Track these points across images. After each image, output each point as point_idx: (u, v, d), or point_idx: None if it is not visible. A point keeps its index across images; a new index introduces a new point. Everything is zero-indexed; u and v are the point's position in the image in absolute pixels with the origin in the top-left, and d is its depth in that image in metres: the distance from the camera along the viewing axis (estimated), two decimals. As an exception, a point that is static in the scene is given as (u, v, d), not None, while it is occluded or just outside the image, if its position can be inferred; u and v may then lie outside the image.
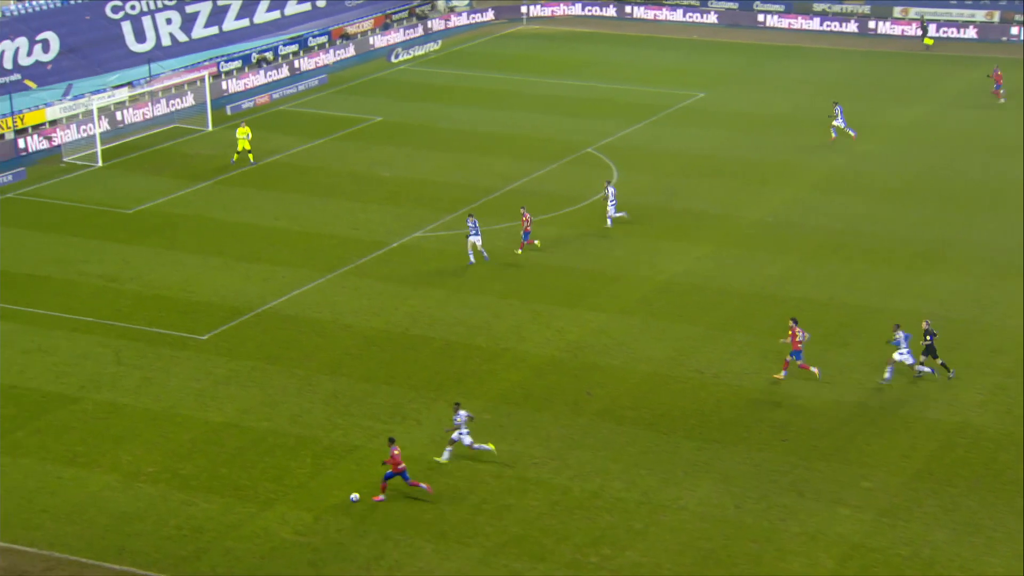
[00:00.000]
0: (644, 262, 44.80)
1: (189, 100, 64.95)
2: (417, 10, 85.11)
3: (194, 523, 29.07)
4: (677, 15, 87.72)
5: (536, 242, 45.45)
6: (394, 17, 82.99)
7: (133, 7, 70.36)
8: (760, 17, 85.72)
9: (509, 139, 60.10)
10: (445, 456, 31.61)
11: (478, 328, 39.40)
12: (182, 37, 71.88)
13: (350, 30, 79.27)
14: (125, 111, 62.02)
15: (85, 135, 57.65)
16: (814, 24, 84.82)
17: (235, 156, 55.90)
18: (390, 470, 29.92)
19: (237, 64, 71.06)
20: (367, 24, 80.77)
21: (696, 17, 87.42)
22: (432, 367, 36.82)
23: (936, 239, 46.61)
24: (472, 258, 44.17)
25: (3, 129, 57.86)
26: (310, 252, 45.57)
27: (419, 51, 77.87)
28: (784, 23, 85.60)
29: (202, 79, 64.64)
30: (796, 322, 35.46)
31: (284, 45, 74.60)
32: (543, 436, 33.00)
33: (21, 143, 57.21)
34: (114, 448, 32.10)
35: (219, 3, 74.81)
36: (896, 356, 35.15)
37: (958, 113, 64.63)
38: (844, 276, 43.58)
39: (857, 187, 52.98)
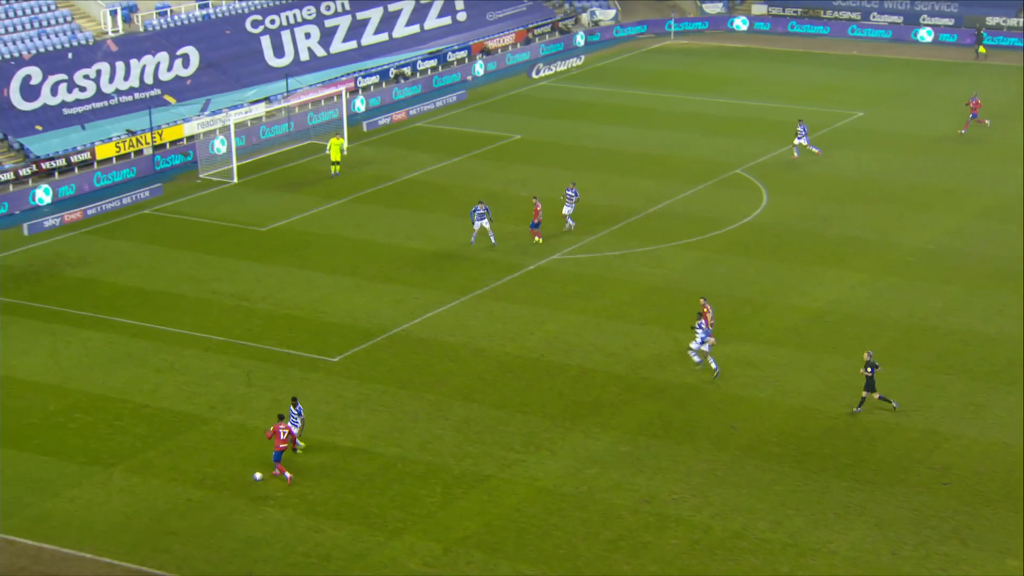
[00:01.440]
0: (794, 290, 44.10)
1: (325, 115, 66.44)
2: (560, 24, 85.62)
3: (321, 550, 29.57)
4: (836, 30, 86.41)
5: (537, 238, 47.17)
6: (536, 32, 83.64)
7: (273, 21, 72.43)
8: (924, 33, 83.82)
9: (653, 159, 59.90)
10: None
11: (616, 355, 39.27)
12: (320, 52, 73.66)
13: (490, 45, 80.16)
14: (261, 126, 63.78)
15: (221, 151, 59.47)
16: (985, 40, 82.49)
17: (332, 168, 57.23)
18: (275, 449, 31.68)
19: (375, 79, 72.45)
20: (508, 39, 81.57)
21: (857, 32, 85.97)
22: (568, 395, 36.82)
23: (1118, 271, 44.84)
24: (474, 240, 47.65)
25: (142, 144, 60.11)
26: (444, 273, 46.06)
27: (561, 66, 78.24)
28: (952, 38, 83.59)
29: (339, 94, 66.05)
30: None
31: (423, 60, 75.78)
32: (683, 471, 32.69)
33: (159, 159, 59.29)
34: (243, 471, 32.86)
35: (358, 17, 76.48)
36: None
37: None
38: (1014, 309, 42.16)
39: (1030, 214, 51.33)
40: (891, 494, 31.43)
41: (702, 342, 37.40)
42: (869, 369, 35.10)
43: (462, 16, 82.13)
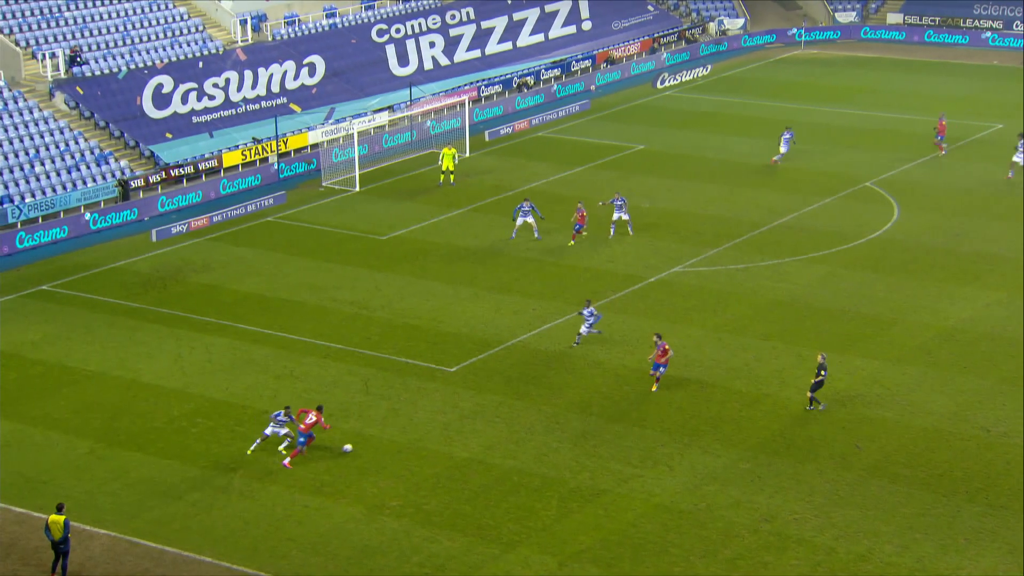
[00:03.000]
0: (925, 307, 43.21)
1: (447, 124, 67.12)
2: (687, 33, 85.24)
3: (436, 561, 29.87)
4: (975, 39, 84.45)
5: (571, 241, 48.54)
6: (662, 41, 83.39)
7: (398, 30, 73.52)
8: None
9: (779, 171, 59.24)
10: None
11: (737, 370, 38.94)
12: (444, 61, 74.51)
13: (615, 54, 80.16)
14: (384, 135, 64.73)
15: (345, 159, 60.55)
16: None
17: (440, 178, 57.80)
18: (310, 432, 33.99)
19: (498, 88, 72.97)
20: (633, 48, 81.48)
21: (997, 41, 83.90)
22: (687, 410, 36.62)
23: None
24: (514, 234, 49.62)
25: (267, 152, 61.50)
26: (563, 284, 46.17)
27: (687, 76, 77.87)
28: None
29: (462, 103, 66.68)
30: None
31: (546, 69, 76.09)
32: (805, 490, 32.26)
33: (283, 166, 60.60)
34: (359, 479, 33.36)
35: (483, 26, 77.16)
36: None
37: None
38: None
39: None
40: (1024, 521, 30.63)
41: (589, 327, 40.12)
42: (822, 372, 35.55)
43: (587, 25, 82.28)
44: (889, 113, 68.29)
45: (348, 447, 34.43)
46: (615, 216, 50.36)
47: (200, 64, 64.23)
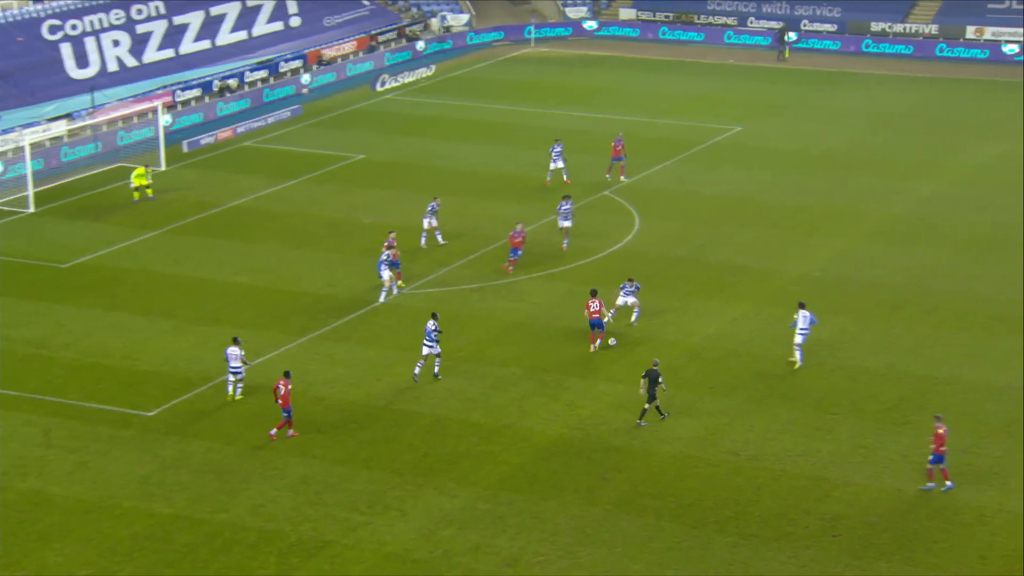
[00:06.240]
0: (670, 323, 44.86)
1: (139, 134, 65.46)
2: (407, 31, 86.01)
3: (135, 634, 28.98)
4: (711, 36, 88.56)
5: (509, 268, 48.54)
6: (380, 39, 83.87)
7: (75, 27, 71.29)
8: (806, 39, 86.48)
9: (513, 179, 60.46)
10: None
11: (474, 401, 39.42)
12: (131, 62, 72.73)
13: (328, 54, 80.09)
14: (63, 147, 62.55)
15: (14, 175, 58.16)
16: (870, 47, 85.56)
17: (136, 195, 56.86)
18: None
19: (196, 92, 71.76)
20: (348, 46, 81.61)
21: (733, 39, 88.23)
22: (419, 447, 36.81)
23: (1019, 298, 46.63)
24: (424, 242, 50.72)
25: (-82, 169, 58.55)
26: (278, 313, 45.72)
27: (409, 77, 78.57)
28: (836, 46, 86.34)
29: (154, 110, 65.24)
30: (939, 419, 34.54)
31: (251, 71, 75.33)
32: (550, 529, 32.90)
33: (-59, 185, 57.82)
34: (40, 547, 32.02)
35: (175, 22, 75.74)
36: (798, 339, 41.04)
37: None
38: (907, 341, 43.59)
39: (923, 237, 53.18)
40: (777, 549, 32.08)
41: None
42: (660, 380, 37.67)
43: (295, 21, 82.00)
44: (626, 116, 70.72)
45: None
46: (426, 224, 51.21)
47: None
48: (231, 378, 39.63)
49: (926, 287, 47.92)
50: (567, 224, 50.89)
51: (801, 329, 41.31)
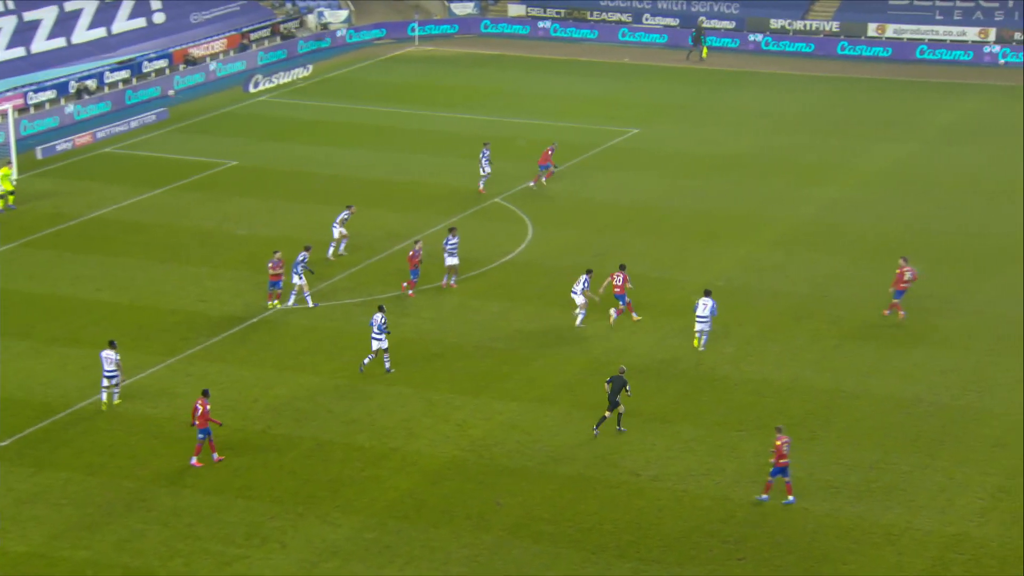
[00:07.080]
0: (567, 338, 45.14)
1: (-11, 141, 64.43)
2: (282, 28, 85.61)
3: None
4: (605, 34, 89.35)
5: (409, 291, 48.12)
6: (252, 37, 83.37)
7: (-87, 23, 69.93)
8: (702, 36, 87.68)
9: (399, 187, 60.44)
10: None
11: (359, 423, 39.33)
12: (-24, 61, 71.51)
13: (196, 52, 79.41)
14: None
15: None
16: (770, 45, 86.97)
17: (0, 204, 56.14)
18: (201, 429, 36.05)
19: (50, 95, 70.75)
20: (218, 45, 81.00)
21: (628, 36, 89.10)
22: (300, 474, 36.61)
23: (925, 307, 47.66)
24: (331, 253, 51.23)
25: None
26: (144, 331, 45.22)
27: (285, 78, 78.23)
28: (734, 44, 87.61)
29: (4, 113, 64.23)
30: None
31: (112, 71, 74.46)
32: (441, 558, 32.92)
33: None
34: None
35: (25, 18, 74.54)
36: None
37: (951, 151, 66.60)
38: (812, 353, 44.33)
39: (828, 243, 54.16)
40: (680, 573, 32.41)
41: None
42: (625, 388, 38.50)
43: (159, 17, 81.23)
44: (513, 118, 71.09)
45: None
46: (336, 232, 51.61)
47: None
48: (105, 384, 39.17)
49: (831, 296, 48.80)
50: (454, 262, 48.96)
51: (700, 317, 43.40)
